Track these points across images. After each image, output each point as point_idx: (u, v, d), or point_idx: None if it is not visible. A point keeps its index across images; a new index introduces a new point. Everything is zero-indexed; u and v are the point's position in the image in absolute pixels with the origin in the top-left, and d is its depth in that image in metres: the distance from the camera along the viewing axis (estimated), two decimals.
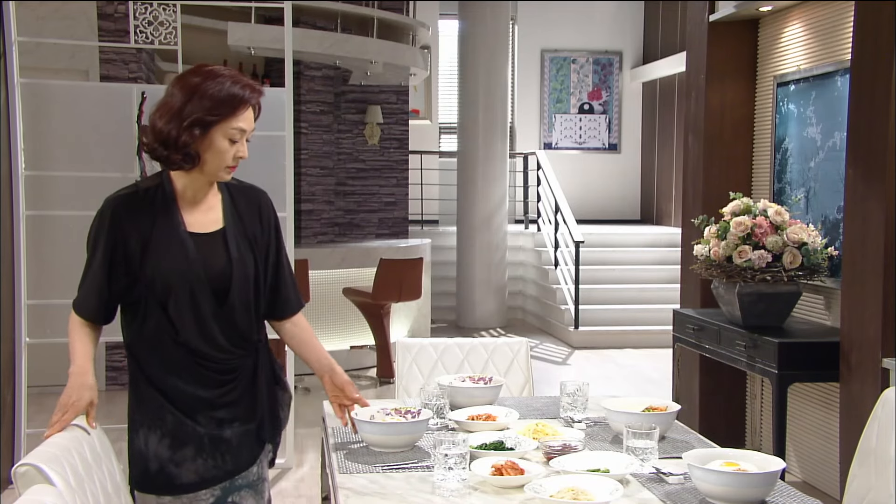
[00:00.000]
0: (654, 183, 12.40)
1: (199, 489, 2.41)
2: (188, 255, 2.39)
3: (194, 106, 2.34)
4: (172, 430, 2.39)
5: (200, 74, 2.39)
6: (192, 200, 2.45)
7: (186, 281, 2.37)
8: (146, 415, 2.41)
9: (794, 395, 4.99)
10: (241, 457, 2.46)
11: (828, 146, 4.81)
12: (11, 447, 4.83)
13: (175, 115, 2.35)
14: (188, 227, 2.42)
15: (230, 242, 2.45)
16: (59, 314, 4.93)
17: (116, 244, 2.37)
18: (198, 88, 2.36)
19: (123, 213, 2.38)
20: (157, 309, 2.38)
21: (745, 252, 4.52)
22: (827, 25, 4.87)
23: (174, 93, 2.38)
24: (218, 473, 2.42)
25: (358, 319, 7.80)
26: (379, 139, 9.57)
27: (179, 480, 2.39)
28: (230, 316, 2.43)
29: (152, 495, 2.41)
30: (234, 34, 7.29)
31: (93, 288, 2.42)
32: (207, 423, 2.41)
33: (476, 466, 2.37)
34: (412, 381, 3.62)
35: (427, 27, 9.80)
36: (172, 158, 2.37)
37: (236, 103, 2.38)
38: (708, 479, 2.25)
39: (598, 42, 13.00)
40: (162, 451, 2.39)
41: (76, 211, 4.92)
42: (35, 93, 4.91)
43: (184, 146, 2.35)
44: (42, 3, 6.64)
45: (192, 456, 2.39)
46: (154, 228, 2.38)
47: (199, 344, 2.40)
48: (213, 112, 2.35)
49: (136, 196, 2.41)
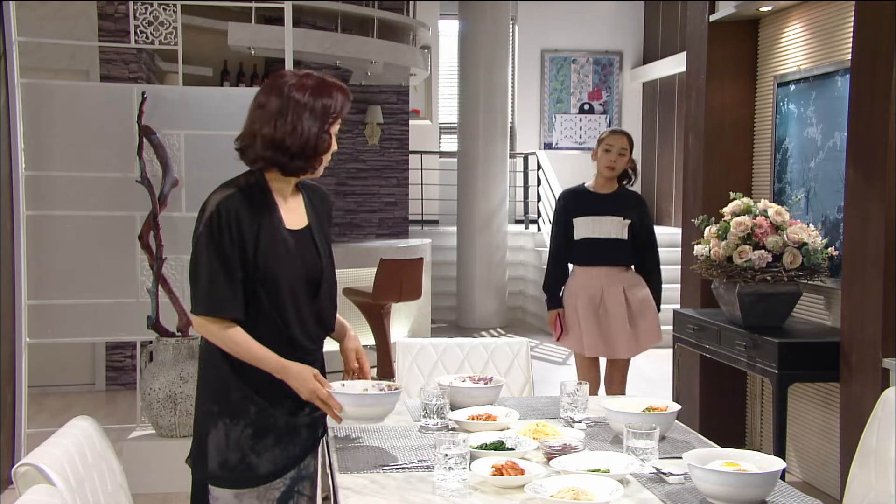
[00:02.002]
0: (654, 183, 12.40)
1: (275, 478, 2.48)
2: (290, 251, 2.48)
3: (314, 106, 2.44)
4: (255, 421, 2.46)
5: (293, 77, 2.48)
6: (283, 199, 2.53)
7: (291, 276, 2.47)
8: (228, 406, 2.46)
9: (795, 395, 4.99)
10: (307, 446, 2.56)
11: (828, 146, 4.81)
12: (11, 447, 4.83)
13: (308, 117, 2.43)
14: (286, 225, 2.50)
15: (317, 238, 2.57)
16: (60, 314, 4.99)
17: (234, 242, 2.40)
18: (306, 90, 2.44)
19: (237, 212, 2.41)
20: (264, 304, 2.45)
21: (745, 252, 4.52)
22: (827, 25, 4.87)
23: (270, 101, 2.44)
24: (289, 462, 2.50)
25: (358, 319, 7.79)
26: (379, 139, 9.57)
27: (259, 471, 2.46)
28: (320, 308, 2.55)
29: (230, 490, 2.46)
30: (235, 34, 7.30)
31: (232, 284, 2.41)
32: (287, 411, 2.49)
33: (476, 466, 2.37)
34: (412, 381, 3.62)
35: (427, 27, 9.80)
36: (295, 165, 2.46)
37: (342, 100, 2.49)
38: (708, 479, 2.24)
39: (598, 42, 13.00)
40: (244, 441, 2.45)
41: (76, 211, 4.94)
42: (35, 93, 4.91)
43: (325, 149, 2.47)
44: (42, 4, 6.64)
45: (272, 445, 2.47)
46: (261, 226, 2.44)
47: (300, 336, 2.50)
48: (332, 112, 2.46)
49: (243, 195, 2.45)
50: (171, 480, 4.48)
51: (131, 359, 6.96)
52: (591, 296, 4.83)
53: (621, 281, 4.83)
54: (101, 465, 2.38)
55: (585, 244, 4.84)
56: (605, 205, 4.84)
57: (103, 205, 4.93)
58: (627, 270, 4.87)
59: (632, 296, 4.83)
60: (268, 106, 2.45)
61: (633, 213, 4.83)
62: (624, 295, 4.81)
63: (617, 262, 4.84)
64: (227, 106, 4.94)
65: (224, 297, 2.41)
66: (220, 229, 2.39)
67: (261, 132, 2.44)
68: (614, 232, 4.80)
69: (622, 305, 4.80)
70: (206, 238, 2.41)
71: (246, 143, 2.48)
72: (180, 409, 4.75)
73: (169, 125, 4.95)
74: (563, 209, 4.94)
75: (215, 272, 2.40)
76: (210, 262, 2.40)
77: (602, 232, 4.81)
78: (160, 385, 4.74)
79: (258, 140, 2.44)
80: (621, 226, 4.80)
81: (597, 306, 4.82)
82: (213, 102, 5.04)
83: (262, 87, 2.53)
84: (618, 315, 4.79)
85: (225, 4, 6.48)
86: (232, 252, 2.40)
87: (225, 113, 4.89)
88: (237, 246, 2.40)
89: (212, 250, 2.40)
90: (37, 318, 4.85)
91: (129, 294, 4.92)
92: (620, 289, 4.81)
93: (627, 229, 4.80)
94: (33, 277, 4.84)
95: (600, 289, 4.82)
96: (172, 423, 4.78)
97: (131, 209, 4.92)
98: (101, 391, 7.01)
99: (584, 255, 4.87)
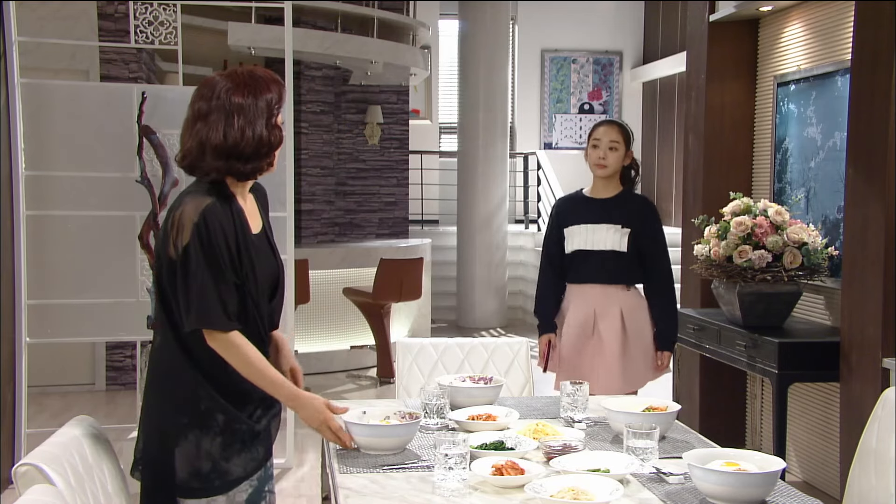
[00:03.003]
0: (654, 183, 12.40)
1: (243, 481, 2.47)
2: (259, 254, 2.47)
3: (257, 105, 2.40)
4: (223, 428, 2.43)
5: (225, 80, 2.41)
6: (243, 202, 2.50)
7: (264, 279, 2.47)
8: (197, 416, 2.41)
9: (795, 395, 4.99)
10: (269, 444, 2.55)
11: (828, 146, 4.81)
12: (12, 447, 4.84)
13: (253, 117, 2.39)
14: (252, 230, 2.49)
15: (272, 240, 2.57)
16: (60, 314, 4.98)
17: (225, 249, 2.36)
18: (244, 91, 2.39)
19: (220, 220, 2.37)
20: (250, 308, 2.44)
21: (745, 252, 4.52)
22: (827, 25, 4.87)
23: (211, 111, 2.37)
24: (256, 465, 2.49)
25: (358, 319, 7.80)
26: (379, 139, 9.57)
27: (228, 476, 2.44)
28: (273, 311, 2.56)
29: (202, 499, 2.43)
30: (235, 34, 7.30)
31: (232, 294, 2.38)
32: (250, 414, 2.48)
33: (476, 466, 2.37)
34: (412, 381, 3.62)
35: (427, 27, 9.80)
36: (250, 167, 2.42)
37: (279, 89, 2.45)
38: (708, 479, 2.25)
39: (598, 42, 12.99)
40: (214, 449, 2.42)
41: (76, 211, 4.93)
42: (35, 93, 4.91)
43: (278, 143, 2.44)
44: (42, 4, 6.64)
45: (239, 450, 2.45)
46: (237, 232, 2.41)
47: (264, 335, 2.51)
48: (274, 106, 2.42)
49: (218, 201, 2.40)
50: None
51: (131, 359, 6.96)
52: (581, 321, 4.02)
53: (619, 302, 3.99)
54: (101, 465, 2.38)
55: (578, 257, 4.02)
56: (601, 211, 4.03)
57: (103, 205, 4.93)
58: (629, 290, 4.03)
59: (630, 321, 4.00)
60: (210, 115, 2.38)
61: (635, 220, 3.99)
62: (621, 320, 3.99)
63: (614, 280, 4.00)
64: None
65: (231, 308, 2.37)
66: (210, 240, 2.33)
67: (209, 143, 2.37)
68: (610, 243, 3.98)
69: (618, 332, 3.98)
70: (197, 250, 2.32)
71: (194, 156, 2.39)
72: None
73: (169, 125, 4.95)
74: (555, 218, 4.13)
75: (217, 283, 2.34)
76: (213, 274, 2.34)
77: (596, 243, 3.99)
78: None
79: (207, 151, 2.37)
80: (619, 235, 3.97)
81: (589, 333, 4.01)
82: None
83: (195, 96, 2.43)
84: (611, 345, 3.98)
85: (225, 4, 6.48)
86: (224, 260, 2.35)
87: None
88: (227, 253, 2.36)
89: (211, 261, 2.33)
90: (37, 318, 4.84)
91: (129, 294, 4.91)
92: (618, 312, 3.99)
93: (627, 239, 3.97)
94: (33, 277, 4.84)
95: (593, 312, 4.00)
96: None
97: (131, 209, 4.92)
98: (101, 391, 7.01)
99: (576, 270, 4.05)
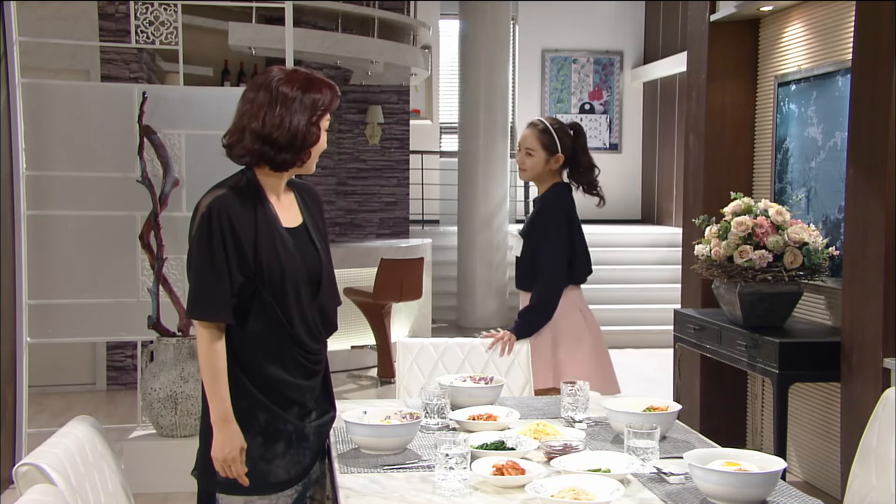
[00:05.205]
0: (654, 183, 12.40)
1: (288, 487, 2.46)
2: (289, 249, 2.46)
3: (303, 99, 2.44)
4: (265, 428, 2.43)
5: (281, 72, 2.49)
6: (276, 196, 2.52)
7: (292, 274, 2.44)
8: (237, 415, 2.41)
9: (795, 395, 4.99)
10: (316, 451, 2.54)
11: (829, 146, 4.81)
12: (12, 447, 4.84)
13: (296, 110, 2.43)
14: (282, 223, 2.49)
15: (314, 236, 2.56)
16: (60, 314, 4.99)
17: (228, 243, 2.37)
18: (294, 84, 2.45)
19: (232, 213, 2.39)
20: (267, 304, 2.42)
21: (745, 252, 4.52)
22: (828, 25, 4.86)
23: (258, 96, 2.45)
24: (301, 470, 2.48)
25: (359, 319, 7.80)
26: (380, 139, 9.57)
27: (270, 478, 2.43)
28: (323, 307, 2.54)
29: (240, 497, 2.43)
30: (235, 34, 7.30)
31: (222, 288, 2.38)
32: (296, 416, 2.47)
33: (477, 466, 2.37)
34: (413, 381, 3.62)
35: (428, 27, 9.80)
36: (282, 158, 2.44)
37: (331, 95, 2.50)
38: (709, 479, 2.24)
39: (598, 42, 13.00)
40: (254, 449, 2.42)
41: (77, 211, 4.94)
42: (36, 93, 4.91)
43: (313, 142, 2.46)
44: (43, 4, 6.64)
45: (282, 452, 2.44)
46: (258, 224, 2.42)
47: (303, 335, 2.48)
48: (321, 106, 2.46)
49: (235, 195, 2.42)
50: (171, 480, 4.48)
51: (132, 359, 6.96)
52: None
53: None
54: (102, 464, 2.38)
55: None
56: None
57: (104, 205, 4.93)
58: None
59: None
60: (256, 100, 2.45)
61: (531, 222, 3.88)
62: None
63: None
64: (228, 106, 4.85)
65: (213, 301, 2.37)
66: (210, 231, 2.36)
67: (249, 126, 2.44)
68: (517, 248, 3.98)
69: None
70: (196, 240, 2.39)
71: (234, 138, 2.47)
72: (181, 409, 4.75)
73: (170, 125, 4.95)
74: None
75: (205, 275, 2.37)
76: (200, 266, 2.38)
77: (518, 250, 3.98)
78: (161, 385, 4.74)
79: (246, 134, 2.44)
80: (517, 240, 3.96)
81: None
82: (214, 102, 5.03)
83: (250, 83, 2.52)
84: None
85: (225, 4, 6.48)
86: (223, 253, 2.36)
87: (226, 113, 4.79)
88: (232, 246, 2.37)
89: (203, 252, 2.37)
90: (37, 318, 4.85)
91: (129, 294, 4.92)
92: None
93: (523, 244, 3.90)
94: (34, 277, 4.84)
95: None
96: (173, 423, 4.78)
97: (132, 209, 4.92)
98: (101, 391, 7.01)
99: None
